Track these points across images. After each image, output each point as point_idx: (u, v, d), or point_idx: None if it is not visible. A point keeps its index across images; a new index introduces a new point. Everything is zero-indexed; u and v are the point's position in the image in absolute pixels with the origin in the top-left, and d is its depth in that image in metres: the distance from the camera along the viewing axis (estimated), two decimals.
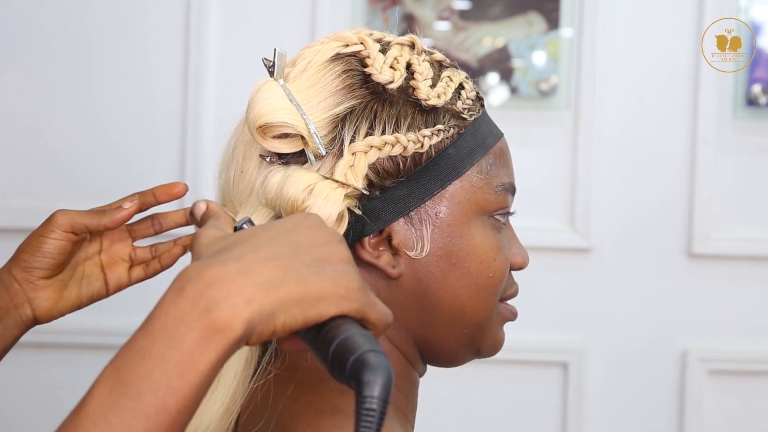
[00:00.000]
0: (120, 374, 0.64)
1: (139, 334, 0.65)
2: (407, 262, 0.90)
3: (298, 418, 0.84)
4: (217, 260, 0.67)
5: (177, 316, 0.64)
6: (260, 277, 0.66)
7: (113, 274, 1.10)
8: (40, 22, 2.10)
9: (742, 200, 2.13)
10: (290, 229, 0.71)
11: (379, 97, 0.89)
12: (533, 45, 2.11)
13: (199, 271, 0.66)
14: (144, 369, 0.63)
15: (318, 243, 0.70)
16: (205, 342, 0.64)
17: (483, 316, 0.93)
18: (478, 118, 0.93)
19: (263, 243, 0.69)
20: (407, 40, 0.94)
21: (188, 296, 0.65)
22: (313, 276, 0.68)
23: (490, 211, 0.92)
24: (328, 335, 0.67)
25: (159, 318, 0.65)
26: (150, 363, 0.64)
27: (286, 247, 0.69)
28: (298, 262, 0.68)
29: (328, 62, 0.90)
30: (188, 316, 0.64)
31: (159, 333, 0.64)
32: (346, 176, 0.86)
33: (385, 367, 0.64)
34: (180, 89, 2.10)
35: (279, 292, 0.66)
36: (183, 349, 0.63)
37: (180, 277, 0.66)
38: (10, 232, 2.13)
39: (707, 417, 2.12)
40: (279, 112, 0.86)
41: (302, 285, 0.67)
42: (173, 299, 0.65)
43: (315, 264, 0.68)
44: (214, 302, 0.64)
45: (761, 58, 2.09)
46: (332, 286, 0.68)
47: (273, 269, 0.67)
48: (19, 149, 2.11)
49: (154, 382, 0.63)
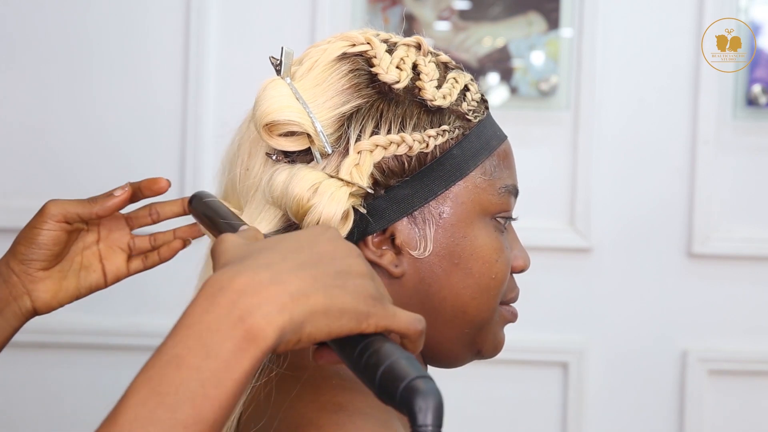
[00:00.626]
0: (154, 384, 0.63)
1: (171, 342, 0.65)
2: (410, 261, 0.91)
3: (301, 415, 0.84)
4: (247, 267, 0.67)
5: (211, 325, 0.64)
6: (291, 287, 0.66)
7: (111, 265, 1.10)
8: (40, 22, 2.10)
9: (742, 200, 2.13)
10: (311, 241, 0.71)
11: (385, 96, 0.90)
12: (533, 45, 2.11)
13: (231, 278, 0.66)
14: (179, 378, 0.63)
15: (339, 256, 0.71)
16: (240, 351, 0.64)
17: (484, 316, 0.93)
18: (482, 119, 0.94)
19: (289, 252, 0.69)
20: (414, 41, 0.94)
21: (222, 305, 0.65)
22: (336, 289, 0.68)
23: (493, 213, 0.93)
24: (371, 361, 0.68)
25: (192, 327, 0.65)
26: (185, 372, 0.63)
27: (311, 258, 0.69)
28: (323, 273, 0.68)
29: (334, 61, 0.90)
30: (223, 324, 0.64)
31: (193, 342, 0.64)
32: (352, 175, 0.87)
33: (435, 392, 0.65)
34: (180, 89, 2.10)
35: (308, 302, 0.66)
36: (219, 358, 0.63)
37: (210, 283, 0.66)
38: (10, 232, 2.12)
39: (707, 417, 2.12)
40: (286, 110, 0.86)
41: (328, 297, 0.67)
42: (206, 307, 0.65)
43: (338, 276, 0.69)
44: (248, 311, 0.64)
45: (761, 58, 2.09)
46: (354, 300, 0.68)
47: (302, 279, 0.67)
48: (19, 149, 2.11)
49: (190, 392, 0.63)
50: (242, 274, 0.66)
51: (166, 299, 1.89)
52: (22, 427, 2.10)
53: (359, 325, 0.68)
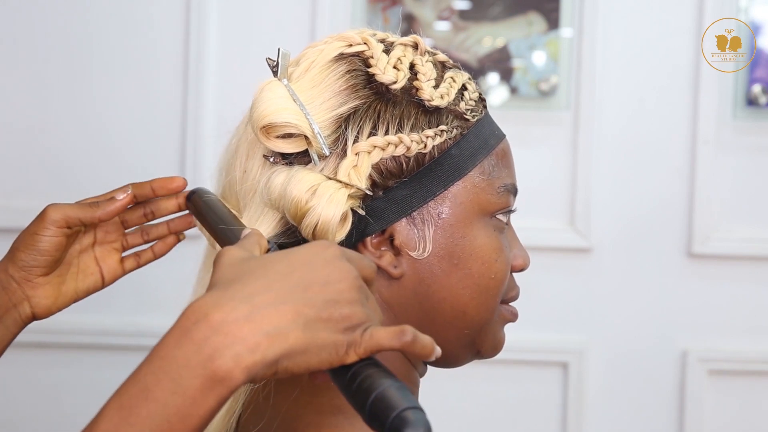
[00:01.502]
0: (124, 413, 0.65)
1: (144, 371, 0.66)
2: (409, 262, 0.90)
3: (299, 417, 0.84)
4: (228, 299, 0.67)
5: (181, 361, 0.65)
6: (267, 325, 0.67)
7: (108, 266, 1.08)
8: (40, 22, 2.10)
9: (742, 200, 2.12)
10: (307, 261, 0.71)
11: (382, 97, 0.89)
12: (533, 45, 2.11)
13: (208, 312, 0.66)
14: (147, 411, 0.65)
15: (332, 280, 0.70)
16: (206, 390, 0.65)
17: (484, 316, 0.93)
18: (480, 119, 0.94)
19: (279, 277, 0.69)
20: (410, 41, 0.94)
21: (194, 340, 0.66)
22: (320, 323, 0.68)
23: (492, 212, 0.92)
24: (363, 386, 0.68)
25: (164, 359, 0.66)
26: (153, 406, 0.65)
27: (301, 283, 0.69)
28: (309, 304, 0.68)
29: (331, 62, 0.90)
30: (192, 361, 0.65)
31: (163, 375, 0.66)
32: (350, 176, 0.86)
33: (424, 424, 0.66)
34: (180, 89, 2.10)
35: (285, 341, 0.67)
36: (185, 395, 0.65)
37: (188, 314, 0.67)
38: (10, 232, 2.12)
39: (707, 417, 2.12)
40: (283, 112, 0.86)
41: (308, 334, 0.68)
42: (179, 340, 0.66)
43: (325, 307, 0.69)
44: (218, 351, 0.65)
45: (761, 58, 2.09)
46: (335, 334, 0.69)
47: (282, 314, 0.67)
48: (19, 149, 2.11)
49: (157, 425, 0.65)
50: (220, 308, 0.66)
51: (165, 299, 1.90)
52: (21, 427, 2.10)
53: (340, 358, 0.69)
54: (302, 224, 0.86)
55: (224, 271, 0.71)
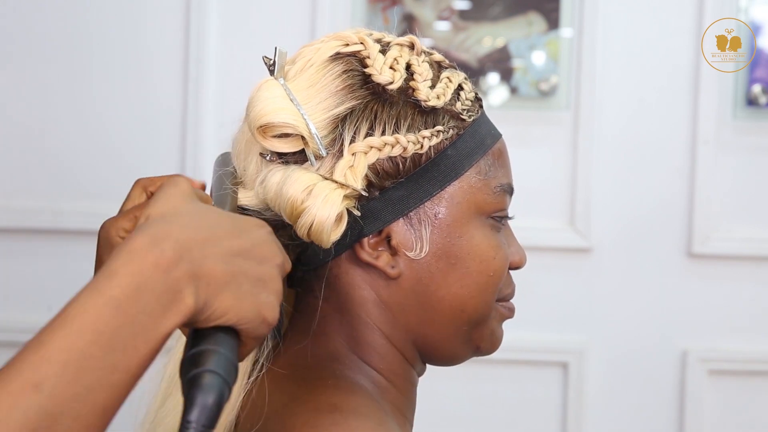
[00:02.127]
0: (90, 318, 0.64)
1: (115, 282, 0.65)
2: (406, 262, 0.90)
3: (296, 415, 0.85)
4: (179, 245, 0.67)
5: (150, 280, 0.65)
6: (216, 278, 0.67)
7: None
8: (40, 22, 2.10)
9: (742, 200, 2.13)
10: (247, 229, 0.72)
11: (379, 97, 0.89)
12: (533, 45, 2.11)
13: (180, 239, 0.67)
14: (116, 323, 0.64)
15: (267, 258, 0.72)
16: (169, 312, 0.65)
17: (482, 314, 0.93)
18: (477, 119, 0.94)
19: (224, 237, 0.70)
20: (407, 41, 0.94)
21: (165, 260, 0.66)
22: (249, 297, 0.69)
23: (489, 212, 0.92)
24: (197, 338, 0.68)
25: (136, 275, 0.65)
26: (122, 319, 0.64)
27: (242, 250, 0.70)
28: (244, 273, 0.69)
29: (328, 62, 0.90)
30: (159, 283, 0.65)
31: (133, 291, 0.65)
32: (346, 177, 0.86)
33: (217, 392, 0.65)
34: (180, 89, 2.10)
35: (217, 297, 0.67)
36: (151, 315, 0.65)
37: (153, 233, 0.67)
38: (10, 232, 2.13)
39: (707, 417, 2.12)
40: (280, 112, 0.86)
41: (237, 299, 0.68)
42: (151, 252, 0.66)
43: (256, 284, 0.70)
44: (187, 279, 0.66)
45: (761, 58, 2.09)
46: (255, 315, 0.69)
47: (224, 274, 0.68)
48: (19, 149, 2.12)
49: (122, 339, 0.64)
50: (191, 242, 0.67)
51: None
52: None
53: (255, 328, 0.70)
54: (297, 224, 0.86)
55: (176, 203, 0.71)
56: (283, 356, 0.92)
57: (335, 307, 0.92)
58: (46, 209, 2.11)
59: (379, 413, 0.86)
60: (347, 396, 0.86)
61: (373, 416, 0.85)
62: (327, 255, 0.90)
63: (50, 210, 2.11)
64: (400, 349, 0.93)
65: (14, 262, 2.13)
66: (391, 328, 0.92)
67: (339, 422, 0.83)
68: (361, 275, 0.91)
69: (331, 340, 0.92)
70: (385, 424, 0.85)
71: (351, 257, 0.91)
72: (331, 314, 0.92)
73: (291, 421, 0.84)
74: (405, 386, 0.94)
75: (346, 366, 0.91)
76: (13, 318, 2.09)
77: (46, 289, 2.10)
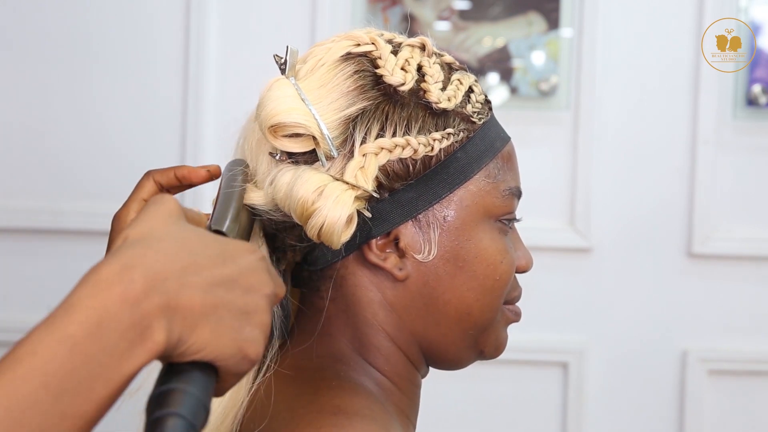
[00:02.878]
0: (40, 361, 0.58)
1: (69, 318, 0.59)
2: (414, 264, 0.90)
3: (299, 417, 0.84)
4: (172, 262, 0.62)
5: (111, 312, 0.60)
6: (192, 310, 0.62)
7: None
8: (40, 22, 2.10)
9: (742, 200, 2.13)
10: (234, 255, 0.67)
11: (390, 98, 0.89)
12: (533, 45, 2.11)
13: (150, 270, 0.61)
14: (71, 364, 0.58)
15: (255, 288, 0.67)
16: (134, 351, 0.60)
17: (488, 317, 0.93)
18: (486, 121, 0.93)
19: (207, 266, 0.64)
20: (418, 42, 0.93)
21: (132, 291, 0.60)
22: (230, 331, 0.64)
23: (497, 215, 0.92)
24: (168, 374, 0.63)
25: (94, 308, 0.60)
26: (78, 359, 0.59)
27: (226, 278, 0.65)
28: (226, 305, 0.64)
29: (339, 61, 0.90)
30: (125, 316, 0.60)
31: (92, 326, 0.59)
32: (357, 178, 0.86)
33: None
34: (180, 89, 2.10)
35: (194, 332, 0.62)
36: (113, 355, 0.59)
37: (124, 260, 0.61)
38: (10, 232, 2.13)
39: (707, 417, 2.12)
40: (293, 112, 0.85)
41: (216, 333, 0.63)
42: (117, 284, 0.60)
43: (239, 316, 0.65)
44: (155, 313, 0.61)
45: (761, 58, 2.09)
46: (236, 351, 0.64)
47: (203, 303, 0.63)
48: (19, 149, 2.11)
49: (76, 382, 0.58)
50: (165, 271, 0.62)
51: None
52: None
53: (236, 364, 0.65)
54: (308, 225, 0.86)
55: (157, 225, 0.65)
56: (287, 357, 0.92)
57: (341, 307, 0.92)
58: (46, 209, 2.11)
59: (382, 415, 0.86)
60: (351, 398, 0.86)
61: (377, 418, 0.85)
62: (335, 256, 0.90)
63: (50, 210, 2.11)
64: (405, 351, 0.93)
65: (14, 262, 2.13)
66: (396, 330, 0.92)
67: (342, 424, 0.83)
68: (368, 276, 0.91)
69: (336, 341, 0.92)
70: (389, 426, 0.85)
71: (358, 258, 0.91)
72: (336, 315, 0.92)
73: (294, 422, 0.84)
74: (408, 388, 0.94)
75: (351, 367, 0.91)
76: (13, 318, 2.09)
77: (46, 289, 2.10)
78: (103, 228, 1.12)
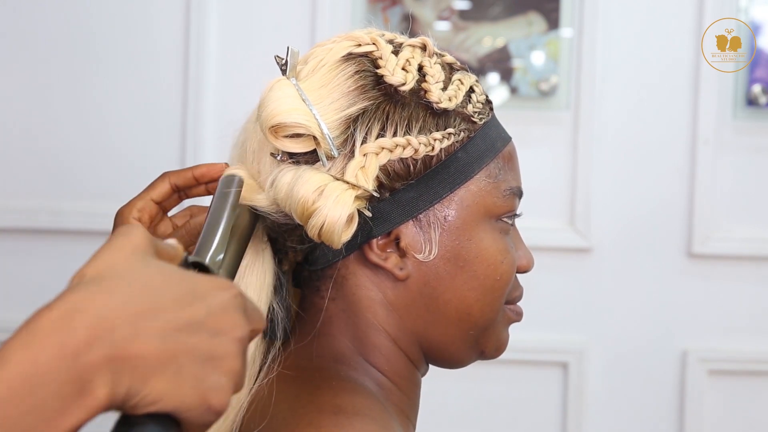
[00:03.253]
0: None
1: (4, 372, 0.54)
2: (415, 264, 0.90)
3: (300, 416, 0.85)
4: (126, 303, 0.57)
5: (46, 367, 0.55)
6: (145, 360, 0.57)
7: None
8: (40, 22, 2.10)
9: (742, 200, 2.13)
10: (203, 294, 0.61)
11: (391, 98, 0.89)
12: (533, 45, 2.11)
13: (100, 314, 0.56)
14: None
15: (224, 330, 0.61)
16: (71, 407, 0.55)
17: (489, 317, 0.93)
18: (487, 121, 0.94)
19: (170, 308, 0.59)
20: (419, 42, 0.94)
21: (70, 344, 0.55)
22: (191, 380, 0.58)
23: (498, 215, 0.92)
24: (122, 426, 0.58)
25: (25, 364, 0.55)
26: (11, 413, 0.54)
27: (187, 330, 0.59)
28: (189, 352, 0.58)
29: (340, 62, 0.90)
30: (62, 371, 0.55)
31: (22, 383, 0.54)
32: (357, 178, 0.86)
33: None
34: (180, 89, 2.10)
35: (147, 383, 0.57)
36: (44, 414, 0.54)
37: (71, 306, 0.56)
38: (10, 232, 2.13)
39: (707, 417, 2.12)
40: (293, 112, 0.85)
41: (175, 383, 0.58)
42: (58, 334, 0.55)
43: (204, 363, 0.59)
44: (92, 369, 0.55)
45: (761, 58, 2.09)
46: (199, 402, 0.59)
47: (159, 354, 0.57)
48: (19, 149, 2.11)
49: None
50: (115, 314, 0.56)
51: None
52: None
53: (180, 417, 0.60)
54: (308, 224, 0.86)
55: (119, 261, 0.60)
56: (287, 356, 0.92)
57: (341, 307, 0.92)
58: (46, 209, 2.11)
59: (382, 415, 0.87)
60: (351, 397, 0.86)
61: (377, 418, 0.85)
62: (335, 255, 0.91)
63: (50, 210, 2.11)
64: (405, 351, 0.93)
65: (14, 262, 2.13)
66: (397, 329, 0.92)
67: (342, 423, 0.83)
68: (368, 276, 0.91)
69: (336, 341, 0.92)
70: (389, 425, 0.86)
71: (359, 258, 0.91)
72: (337, 315, 0.93)
73: (294, 421, 0.84)
74: (409, 388, 0.94)
75: (351, 367, 0.91)
76: (13, 318, 2.08)
77: (46, 289, 2.09)
78: (103, 228, 1.13)
